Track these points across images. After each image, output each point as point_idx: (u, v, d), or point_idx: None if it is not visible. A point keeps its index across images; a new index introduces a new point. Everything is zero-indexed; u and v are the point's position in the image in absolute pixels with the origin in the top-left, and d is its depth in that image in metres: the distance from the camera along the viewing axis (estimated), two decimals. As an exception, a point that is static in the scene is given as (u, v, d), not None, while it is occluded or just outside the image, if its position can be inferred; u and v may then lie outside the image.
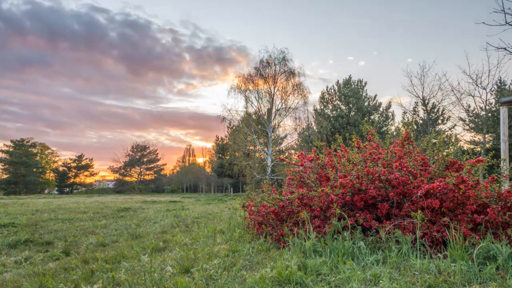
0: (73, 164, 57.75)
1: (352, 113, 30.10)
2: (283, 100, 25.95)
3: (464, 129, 24.54)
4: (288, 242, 4.26)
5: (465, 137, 26.51)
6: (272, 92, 25.98)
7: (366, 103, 30.95)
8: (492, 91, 23.15)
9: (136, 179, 58.10)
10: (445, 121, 26.37)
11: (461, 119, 23.95)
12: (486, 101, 21.27)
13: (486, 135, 23.94)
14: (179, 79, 68.77)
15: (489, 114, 22.53)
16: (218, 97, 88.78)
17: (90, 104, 73.60)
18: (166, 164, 66.09)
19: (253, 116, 27.18)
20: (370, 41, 48.03)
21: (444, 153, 5.31)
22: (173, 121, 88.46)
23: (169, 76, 68.06)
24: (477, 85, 20.54)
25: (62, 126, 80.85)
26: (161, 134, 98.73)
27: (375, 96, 31.77)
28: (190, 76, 67.53)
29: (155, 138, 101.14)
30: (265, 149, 26.26)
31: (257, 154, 27.83)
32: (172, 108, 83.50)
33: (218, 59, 58.53)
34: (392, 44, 45.92)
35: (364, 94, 31.50)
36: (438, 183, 3.95)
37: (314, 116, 28.21)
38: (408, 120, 27.66)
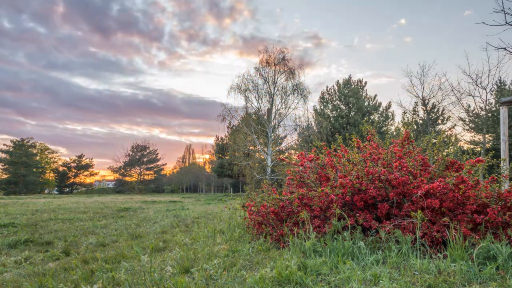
0: (73, 164, 57.79)
1: (352, 113, 30.10)
2: (283, 100, 25.97)
3: (464, 129, 24.55)
4: (288, 242, 4.26)
5: (465, 137, 26.56)
6: (272, 92, 25.98)
7: (366, 103, 30.95)
8: (492, 91, 23.15)
9: (136, 179, 58.06)
10: (445, 121, 26.38)
11: (461, 119, 23.97)
12: (486, 101, 21.28)
13: (486, 135, 23.95)
14: (159, 43, 49.77)
15: (489, 114, 22.53)
16: (215, 72, 60.65)
17: (57, 84, 59.54)
18: (166, 164, 65.64)
19: (253, 116, 27.18)
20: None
21: (444, 153, 5.31)
22: (164, 108, 74.12)
23: (144, 37, 48.27)
24: (477, 85, 20.56)
25: (36, 114, 68.56)
26: (153, 125, 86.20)
27: (375, 96, 31.80)
28: (172, 38, 48.30)
29: (147, 130, 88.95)
30: (265, 149, 26.26)
31: (257, 154, 27.83)
32: (159, 90, 69.73)
33: (211, 8, 40.88)
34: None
35: (364, 94, 31.50)
36: (438, 183, 3.95)
37: (314, 116, 28.22)
38: (408, 120, 27.67)
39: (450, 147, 6.32)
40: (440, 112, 26.33)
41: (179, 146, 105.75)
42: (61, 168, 57.69)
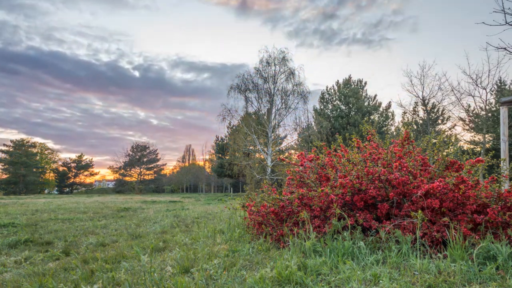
0: (73, 164, 57.86)
1: (352, 113, 30.10)
2: (283, 100, 25.95)
3: (464, 129, 24.53)
4: (288, 242, 4.26)
5: (465, 137, 26.53)
6: (272, 92, 25.97)
7: (366, 103, 30.96)
8: (492, 91, 23.15)
9: (136, 179, 58.08)
10: (445, 121, 26.38)
11: (461, 119, 23.95)
12: (486, 101, 21.25)
13: (486, 135, 23.94)
14: None
15: (489, 114, 22.53)
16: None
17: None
18: (166, 164, 65.43)
19: (253, 116, 27.18)
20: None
21: (444, 153, 5.31)
22: (143, 80, 53.14)
23: None
24: (477, 85, 20.52)
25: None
26: (132, 104, 65.39)
27: (375, 96, 31.83)
28: None
29: (128, 112, 70.95)
30: (265, 149, 26.25)
31: (257, 154, 27.82)
32: (127, 46, 49.00)
33: None
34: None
35: (364, 94, 31.53)
36: (438, 183, 3.95)
37: (314, 116, 28.21)
38: (408, 120, 27.66)
39: (450, 147, 6.32)
40: (440, 112, 26.34)
41: (175, 137, 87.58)
42: (61, 168, 57.76)
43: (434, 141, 6.76)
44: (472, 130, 24.41)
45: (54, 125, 66.60)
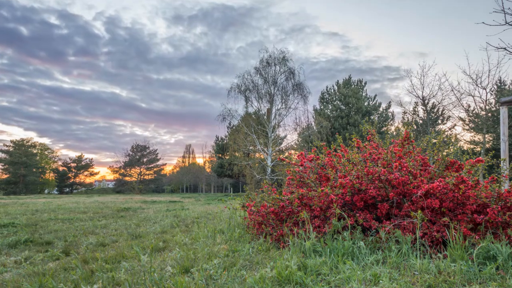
0: (73, 164, 57.89)
1: (352, 113, 30.11)
2: (283, 100, 25.96)
3: (464, 129, 24.54)
4: (288, 242, 4.26)
5: (465, 137, 26.55)
6: (272, 92, 25.97)
7: (366, 103, 30.99)
8: (492, 91, 23.14)
9: (136, 179, 58.07)
10: (445, 121, 26.40)
11: (461, 119, 23.96)
12: (486, 101, 21.26)
13: (486, 135, 23.94)
14: None
15: (489, 114, 22.53)
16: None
17: None
18: (166, 164, 65.41)
19: (253, 116, 27.19)
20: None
21: (444, 153, 5.31)
22: (119, 41, 36.97)
23: None
24: (477, 85, 20.51)
25: None
26: (108, 82, 50.63)
27: (375, 96, 31.86)
28: None
29: (108, 94, 57.83)
30: (265, 149, 26.25)
31: (257, 154, 27.83)
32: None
33: None
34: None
35: (364, 94, 31.55)
36: (438, 183, 3.95)
37: (314, 116, 28.23)
38: (408, 120, 27.66)
39: (450, 147, 6.32)
40: (440, 112, 26.35)
41: (171, 127, 77.01)
42: (61, 168, 57.80)
43: (434, 141, 6.75)
44: (472, 130, 24.42)
45: (26, 112, 51.07)
